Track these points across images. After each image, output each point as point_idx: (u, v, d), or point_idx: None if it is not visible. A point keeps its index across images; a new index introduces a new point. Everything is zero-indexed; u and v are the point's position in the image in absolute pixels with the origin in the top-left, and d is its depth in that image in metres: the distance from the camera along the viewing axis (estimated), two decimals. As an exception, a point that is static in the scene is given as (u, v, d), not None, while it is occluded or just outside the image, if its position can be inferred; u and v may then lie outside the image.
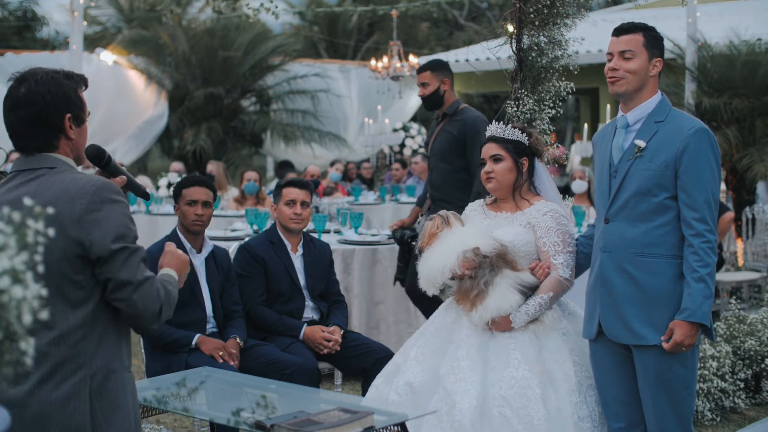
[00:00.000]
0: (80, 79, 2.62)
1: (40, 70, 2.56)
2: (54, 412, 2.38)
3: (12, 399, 2.39)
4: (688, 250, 3.31)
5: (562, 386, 3.56)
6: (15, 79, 2.55)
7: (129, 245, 2.45)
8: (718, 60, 10.09)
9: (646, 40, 3.46)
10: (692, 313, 3.27)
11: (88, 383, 2.42)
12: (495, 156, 3.85)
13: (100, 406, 2.43)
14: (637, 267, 3.39)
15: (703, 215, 3.30)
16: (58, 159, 2.54)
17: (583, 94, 17.79)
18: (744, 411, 5.37)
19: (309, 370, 4.47)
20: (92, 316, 2.45)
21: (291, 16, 24.17)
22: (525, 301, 3.65)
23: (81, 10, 9.01)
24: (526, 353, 3.59)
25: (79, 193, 2.42)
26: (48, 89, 2.51)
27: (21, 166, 2.54)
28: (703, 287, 3.27)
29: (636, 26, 3.50)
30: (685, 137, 3.32)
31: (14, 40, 20.67)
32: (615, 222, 3.46)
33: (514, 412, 3.46)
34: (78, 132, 2.58)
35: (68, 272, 2.41)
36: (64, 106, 2.53)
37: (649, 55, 3.46)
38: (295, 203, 4.93)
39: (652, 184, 3.37)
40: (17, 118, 2.53)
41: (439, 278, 3.75)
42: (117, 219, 2.44)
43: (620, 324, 3.43)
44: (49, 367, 2.39)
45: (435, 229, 3.83)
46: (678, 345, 3.30)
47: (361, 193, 10.89)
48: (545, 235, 3.75)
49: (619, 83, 3.47)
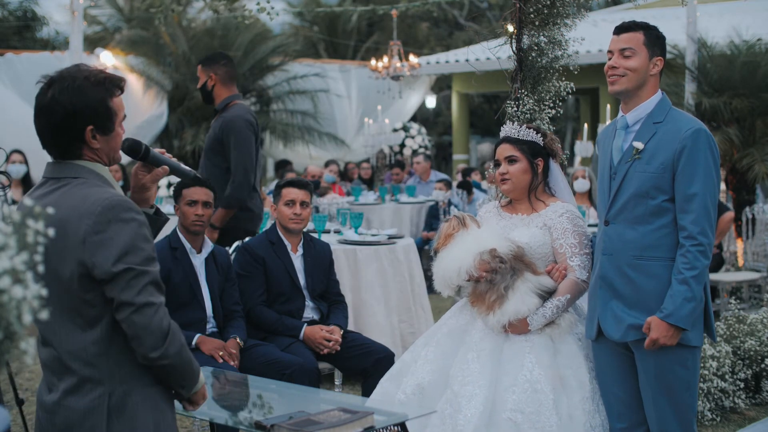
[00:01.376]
0: (114, 85, 2.53)
1: (70, 75, 2.48)
2: (76, 424, 2.43)
3: (46, 405, 2.49)
4: (680, 251, 3.29)
5: (575, 393, 3.52)
6: (46, 81, 2.50)
7: (134, 266, 2.36)
8: (718, 60, 10.09)
9: (647, 39, 3.44)
10: (669, 314, 3.25)
11: (107, 400, 2.43)
12: (510, 157, 3.81)
13: (118, 424, 2.44)
14: (635, 270, 3.37)
15: (696, 217, 3.26)
16: (83, 168, 2.50)
17: (583, 94, 17.80)
18: (744, 411, 5.37)
19: (309, 370, 4.47)
20: (107, 334, 2.43)
21: (291, 16, 24.16)
22: (542, 304, 3.63)
23: (81, 10, 9.01)
24: (540, 357, 3.55)
25: (86, 213, 2.38)
26: (71, 100, 2.44)
27: (49, 174, 2.54)
28: (685, 290, 3.24)
29: (637, 24, 3.48)
30: (682, 138, 3.30)
31: (14, 40, 20.66)
32: (614, 224, 3.45)
33: (526, 418, 3.41)
34: (105, 140, 2.52)
35: (79, 291, 2.40)
36: (87, 117, 2.47)
37: (650, 53, 3.44)
38: (294, 203, 4.93)
39: (650, 186, 3.34)
40: (41, 124, 2.51)
41: (455, 279, 3.72)
42: (123, 239, 2.37)
43: (616, 323, 3.42)
44: (76, 380, 2.43)
45: (451, 230, 3.80)
46: (654, 342, 3.27)
47: (360, 193, 10.90)
48: (561, 237, 3.72)
49: (618, 82, 3.45)
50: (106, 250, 2.36)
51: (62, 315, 2.41)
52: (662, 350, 3.32)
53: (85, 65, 2.56)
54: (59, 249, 2.37)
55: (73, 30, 9.03)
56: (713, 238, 3.34)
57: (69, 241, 2.37)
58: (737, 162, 9.82)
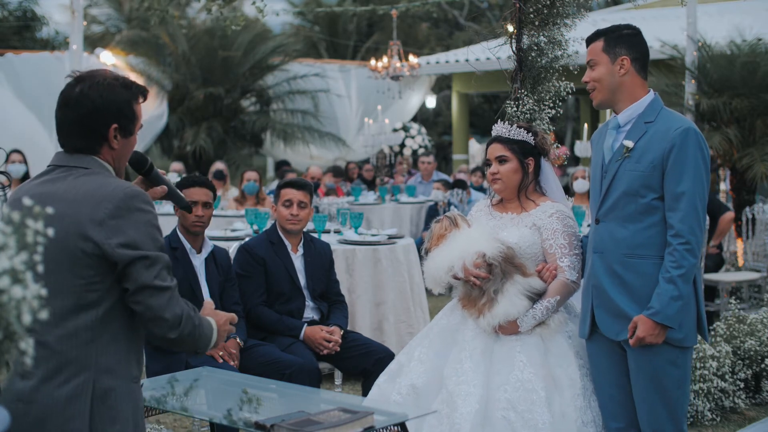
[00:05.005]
0: (139, 91, 2.59)
1: (100, 74, 2.53)
2: (56, 412, 2.38)
3: (19, 393, 2.41)
4: (667, 249, 3.29)
5: (566, 390, 3.54)
6: (74, 78, 2.54)
7: (150, 254, 2.42)
8: (718, 60, 10.08)
9: (606, 44, 3.44)
10: (656, 313, 3.25)
11: (91, 387, 2.41)
12: (500, 157, 3.82)
13: (99, 413, 2.42)
14: (625, 268, 3.38)
15: (684, 215, 3.26)
16: (95, 161, 2.52)
17: (583, 94, 17.78)
18: (744, 411, 5.37)
19: (309, 370, 4.47)
20: (102, 320, 2.43)
21: (291, 16, 24.16)
22: (532, 306, 3.64)
23: (81, 10, 9.01)
24: (531, 356, 3.57)
25: (107, 197, 2.41)
26: (100, 94, 2.48)
27: (58, 162, 2.54)
28: (671, 288, 3.24)
29: (597, 33, 3.49)
30: (672, 137, 3.30)
31: (14, 40, 20.67)
32: (605, 223, 3.46)
33: (519, 416, 3.44)
34: (123, 143, 2.56)
35: (83, 273, 2.40)
36: (113, 115, 2.51)
37: (611, 57, 3.43)
38: (291, 204, 4.93)
39: (640, 184, 3.35)
40: (65, 116, 2.52)
41: (444, 277, 3.74)
42: (141, 228, 2.43)
43: (613, 321, 3.42)
44: (56, 365, 2.39)
45: (443, 231, 3.81)
46: (640, 340, 3.28)
47: (361, 193, 10.90)
48: (551, 237, 3.73)
49: (593, 95, 3.49)
50: (125, 236, 2.40)
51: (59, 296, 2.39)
52: (654, 350, 3.32)
53: (111, 71, 2.62)
54: (68, 230, 2.37)
55: (73, 30, 9.02)
56: (701, 236, 3.33)
57: (82, 223, 2.38)
58: (737, 162, 9.81)
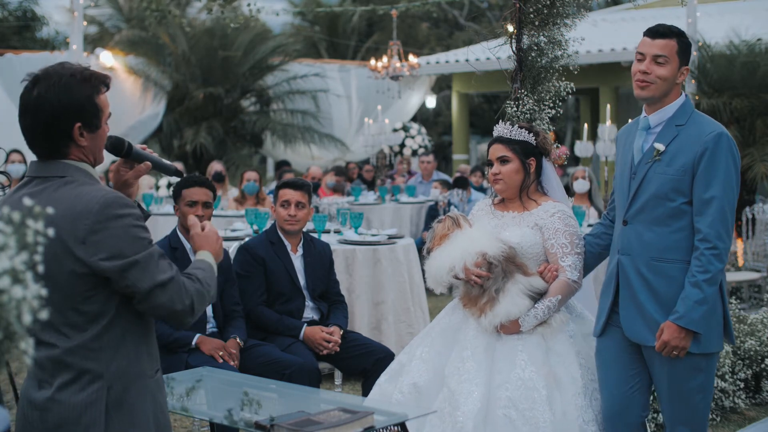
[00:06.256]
0: (99, 82, 2.50)
1: (55, 73, 2.45)
2: (72, 419, 2.39)
3: (36, 402, 2.43)
4: (694, 254, 3.27)
5: (568, 389, 3.54)
6: (31, 79, 2.47)
7: (138, 257, 2.39)
8: (718, 60, 10.09)
9: (680, 48, 3.40)
10: (681, 317, 3.24)
11: (105, 394, 2.42)
12: (502, 157, 3.82)
13: (116, 419, 2.43)
14: (652, 271, 3.36)
15: (713, 220, 3.24)
16: (69, 166, 2.48)
17: (583, 94, 17.77)
18: (744, 411, 5.37)
19: (309, 370, 4.47)
20: (108, 328, 2.43)
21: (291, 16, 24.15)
22: (534, 305, 3.64)
23: (81, 10, 9.01)
24: (533, 355, 3.58)
25: (83, 212, 2.37)
26: (58, 97, 2.42)
27: (34, 173, 2.51)
28: (696, 293, 3.23)
29: (672, 31, 3.42)
30: (704, 142, 3.28)
31: (14, 40, 20.66)
32: (633, 225, 3.44)
33: (520, 414, 3.44)
34: (91, 137, 2.49)
35: (79, 289, 2.39)
36: (74, 115, 2.44)
37: (680, 62, 3.40)
38: (289, 204, 4.93)
39: (670, 188, 3.33)
40: (26, 123, 2.48)
41: (445, 277, 3.74)
42: (122, 235, 2.38)
43: (639, 323, 3.40)
44: (71, 375, 2.40)
45: (445, 231, 3.81)
46: (665, 344, 3.27)
47: (361, 193, 10.89)
48: (553, 237, 3.73)
49: (648, 88, 3.40)
50: (109, 249, 2.36)
51: (63, 315, 2.40)
52: (677, 357, 3.29)
53: (69, 63, 2.53)
54: (55, 250, 2.35)
55: (73, 30, 9.03)
56: (729, 242, 3.31)
57: (66, 242, 2.36)
58: (737, 162, 9.81)
